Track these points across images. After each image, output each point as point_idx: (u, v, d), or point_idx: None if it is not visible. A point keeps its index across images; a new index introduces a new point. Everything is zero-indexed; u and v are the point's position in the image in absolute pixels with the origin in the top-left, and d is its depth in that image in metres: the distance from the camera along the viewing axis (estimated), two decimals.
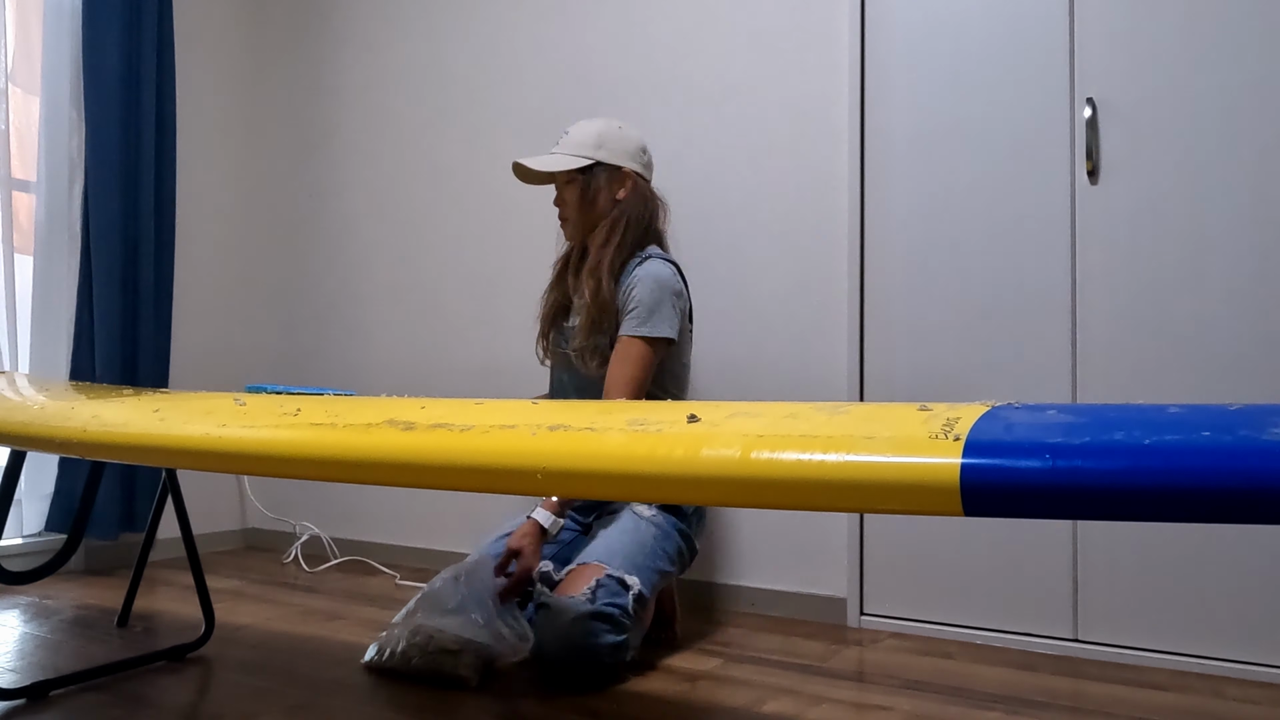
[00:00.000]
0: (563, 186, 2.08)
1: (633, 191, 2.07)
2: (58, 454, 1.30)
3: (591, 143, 2.06)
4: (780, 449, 0.83)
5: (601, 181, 2.05)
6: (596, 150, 2.06)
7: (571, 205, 2.07)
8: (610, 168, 2.06)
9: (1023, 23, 2.12)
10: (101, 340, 2.78)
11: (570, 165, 2.04)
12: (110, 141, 2.81)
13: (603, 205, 2.05)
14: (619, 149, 2.08)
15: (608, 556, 1.85)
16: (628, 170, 2.07)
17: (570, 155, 2.06)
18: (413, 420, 1.05)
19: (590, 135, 2.07)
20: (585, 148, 2.06)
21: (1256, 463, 0.69)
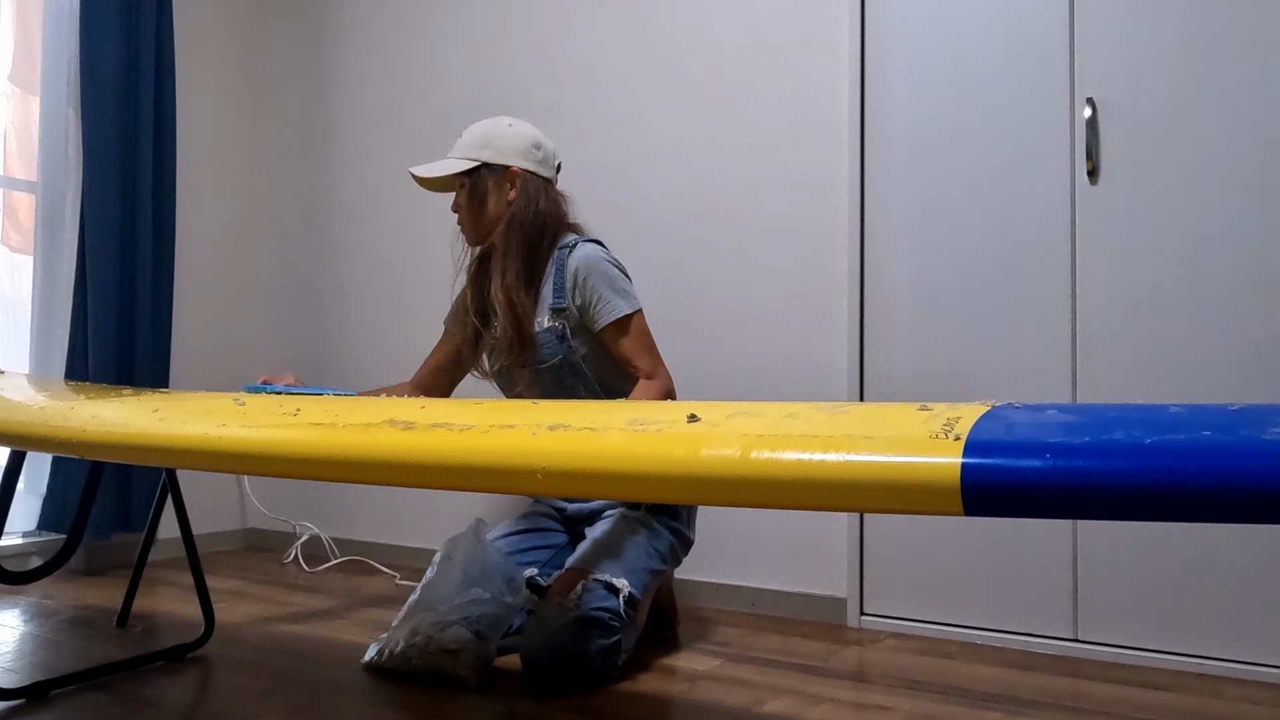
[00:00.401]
0: (457, 191, 2.01)
1: (522, 190, 1.97)
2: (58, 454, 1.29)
3: (478, 143, 1.98)
4: (780, 449, 0.83)
5: (488, 184, 1.97)
6: (482, 151, 1.97)
7: (463, 209, 2.00)
8: (497, 168, 1.97)
9: (1023, 23, 2.12)
10: (96, 340, 2.78)
11: (453, 169, 1.97)
12: (108, 141, 2.81)
13: (494, 207, 1.97)
14: (505, 147, 1.98)
15: (595, 559, 1.84)
16: (515, 169, 1.97)
17: (456, 159, 1.99)
18: (412, 420, 1.05)
19: (477, 136, 2.00)
20: (471, 149, 1.98)
21: (1257, 462, 0.69)
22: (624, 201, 2.66)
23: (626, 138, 2.67)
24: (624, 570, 1.83)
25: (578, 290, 1.94)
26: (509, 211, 1.97)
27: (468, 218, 2.00)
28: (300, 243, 3.34)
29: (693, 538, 2.09)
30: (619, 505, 2.03)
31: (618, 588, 1.79)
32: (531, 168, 2.00)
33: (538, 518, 2.13)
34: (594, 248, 1.98)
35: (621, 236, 2.66)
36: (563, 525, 2.13)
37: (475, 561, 1.86)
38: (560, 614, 1.73)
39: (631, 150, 2.66)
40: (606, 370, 1.99)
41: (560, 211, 2.03)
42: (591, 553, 1.87)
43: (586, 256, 1.95)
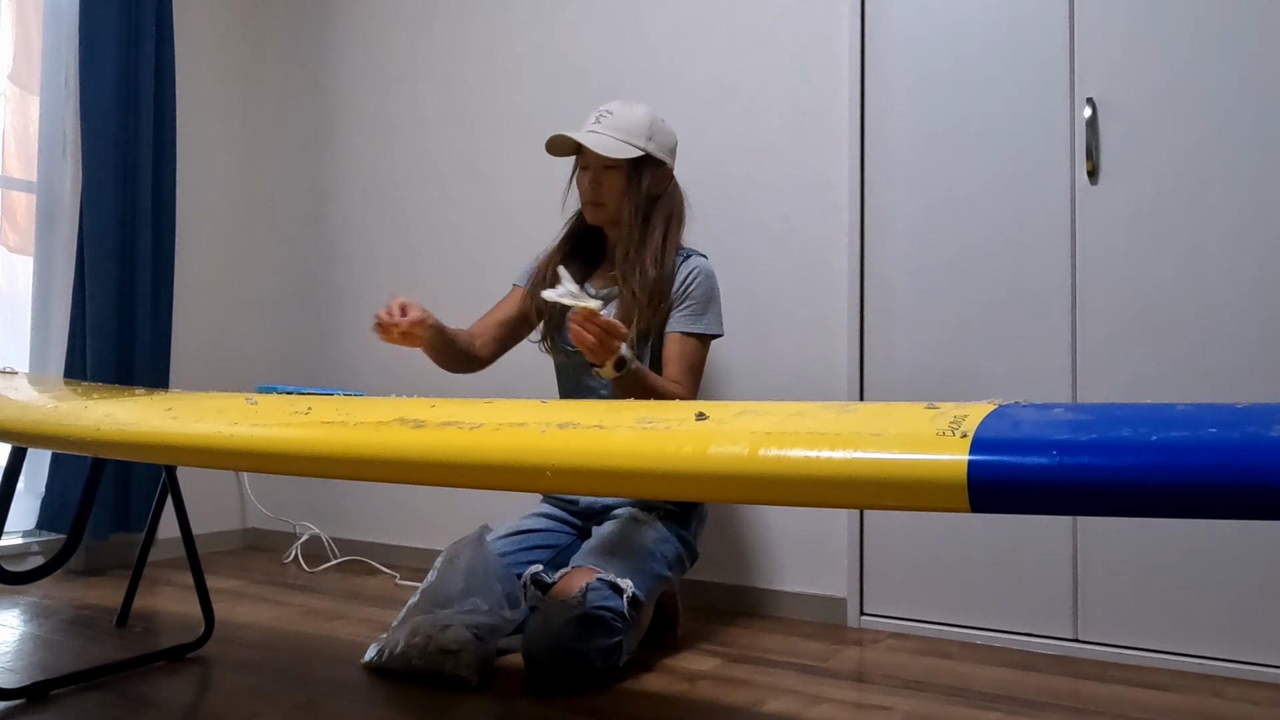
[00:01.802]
0: (604, 170, 2.01)
1: (673, 189, 2.07)
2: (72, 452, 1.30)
3: (643, 132, 2.01)
4: (788, 446, 0.83)
5: (647, 174, 2.01)
6: (647, 141, 2.00)
7: (614, 190, 2.00)
8: (655, 161, 2.02)
9: (1023, 23, 2.13)
10: (94, 340, 2.77)
11: (627, 153, 1.98)
12: (107, 141, 2.81)
13: (644, 197, 2.01)
14: (664, 144, 2.04)
15: (601, 559, 1.84)
16: (669, 167, 2.06)
17: (622, 141, 1.99)
18: (423, 418, 1.05)
19: (640, 123, 2.01)
20: (637, 136, 2.00)
21: (1262, 459, 0.69)
22: None
23: None
24: (630, 571, 1.83)
25: (684, 285, 2.00)
26: (662, 207, 2.03)
27: (615, 199, 2.01)
28: (300, 243, 3.33)
29: (699, 550, 2.10)
30: (632, 504, 2.03)
31: (622, 588, 1.78)
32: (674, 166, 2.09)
33: (544, 518, 2.13)
34: (708, 263, 2.08)
35: None
36: (574, 522, 2.12)
37: (477, 571, 1.86)
38: (563, 611, 1.73)
39: None
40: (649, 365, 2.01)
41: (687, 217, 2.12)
42: (598, 552, 1.87)
43: (706, 268, 2.05)
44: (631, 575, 1.82)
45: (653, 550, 1.92)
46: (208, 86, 3.27)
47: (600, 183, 2.01)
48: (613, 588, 1.78)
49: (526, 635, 1.78)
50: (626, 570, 1.83)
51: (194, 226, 3.19)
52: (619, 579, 1.79)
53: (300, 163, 3.34)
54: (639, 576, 1.84)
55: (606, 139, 1.99)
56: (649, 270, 1.96)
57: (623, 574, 1.81)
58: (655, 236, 2.00)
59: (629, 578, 1.81)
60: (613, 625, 1.75)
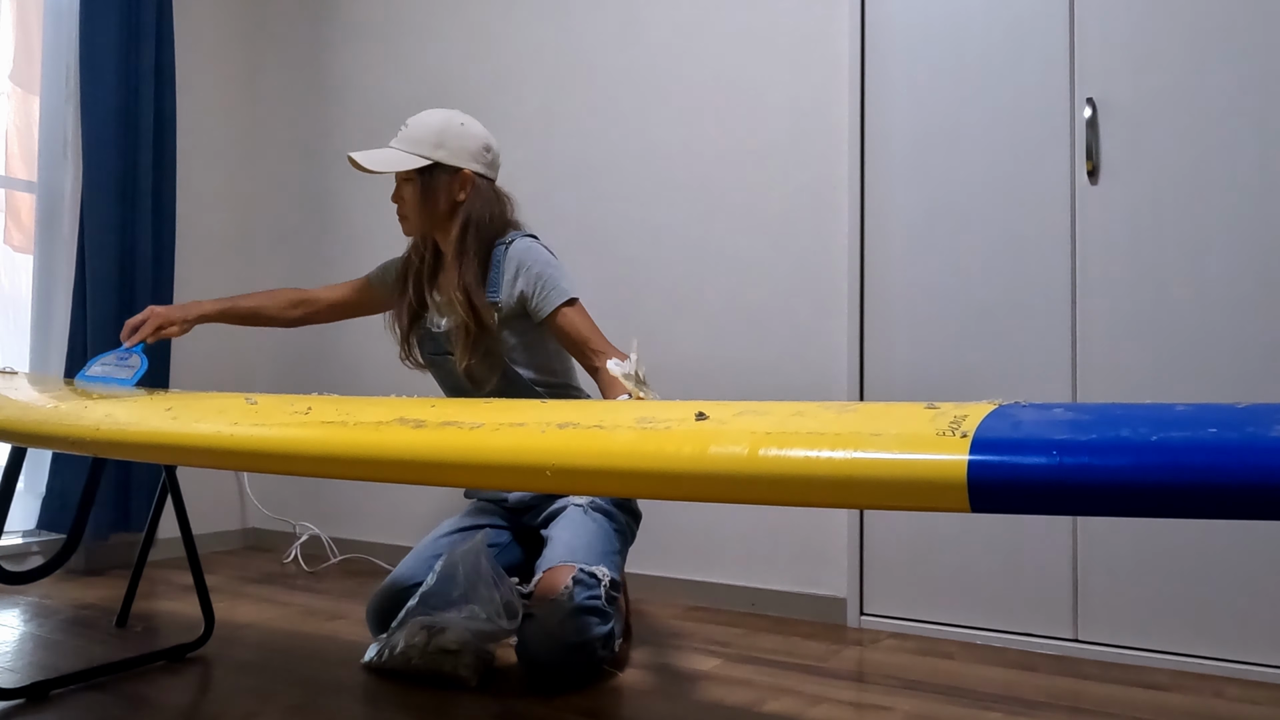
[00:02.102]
0: (401, 183, 2.00)
1: (474, 192, 1.98)
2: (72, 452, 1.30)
3: (431, 141, 1.96)
4: (788, 446, 0.83)
5: (441, 183, 1.96)
6: (436, 150, 1.95)
7: (410, 204, 1.99)
8: (449, 169, 1.96)
9: (1023, 23, 2.13)
10: (95, 340, 2.78)
11: (407, 166, 1.95)
12: (107, 141, 2.81)
13: (442, 205, 1.97)
14: (459, 148, 1.98)
15: (571, 554, 1.86)
16: (467, 172, 1.97)
17: (408, 154, 1.97)
18: (423, 418, 1.06)
19: (430, 132, 1.97)
20: (424, 146, 1.96)
21: (1262, 459, 0.69)
22: (624, 202, 2.67)
23: (626, 138, 2.67)
24: (598, 558, 1.87)
25: (519, 279, 1.95)
26: (463, 215, 1.98)
27: (414, 212, 2.00)
28: (300, 243, 3.33)
29: (639, 509, 2.12)
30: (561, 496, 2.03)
31: (599, 576, 1.83)
32: (482, 170, 2.01)
33: (479, 515, 2.14)
34: (530, 240, 2.02)
35: (621, 236, 2.66)
36: (505, 518, 2.13)
37: (477, 581, 1.87)
38: (557, 610, 1.75)
39: (631, 150, 2.66)
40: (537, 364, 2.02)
41: (508, 214, 2.05)
42: (565, 550, 1.89)
43: (527, 249, 1.98)
44: (602, 561, 1.87)
45: (608, 531, 1.97)
46: (207, 86, 3.27)
47: (401, 197, 2.01)
48: (592, 576, 1.82)
49: (526, 641, 1.79)
50: (596, 557, 1.87)
51: (194, 226, 3.19)
52: (595, 568, 1.83)
53: (300, 163, 3.34)
54: (608, 559, 1.89)
55: (390, 153, 1.98)
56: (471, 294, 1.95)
57: (594, 562, 1.85)
58: (467, 243, 1.98)
59: (600, 564, 1.85)
60: (604, 612, 1.80)
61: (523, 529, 2.12)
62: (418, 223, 2.01)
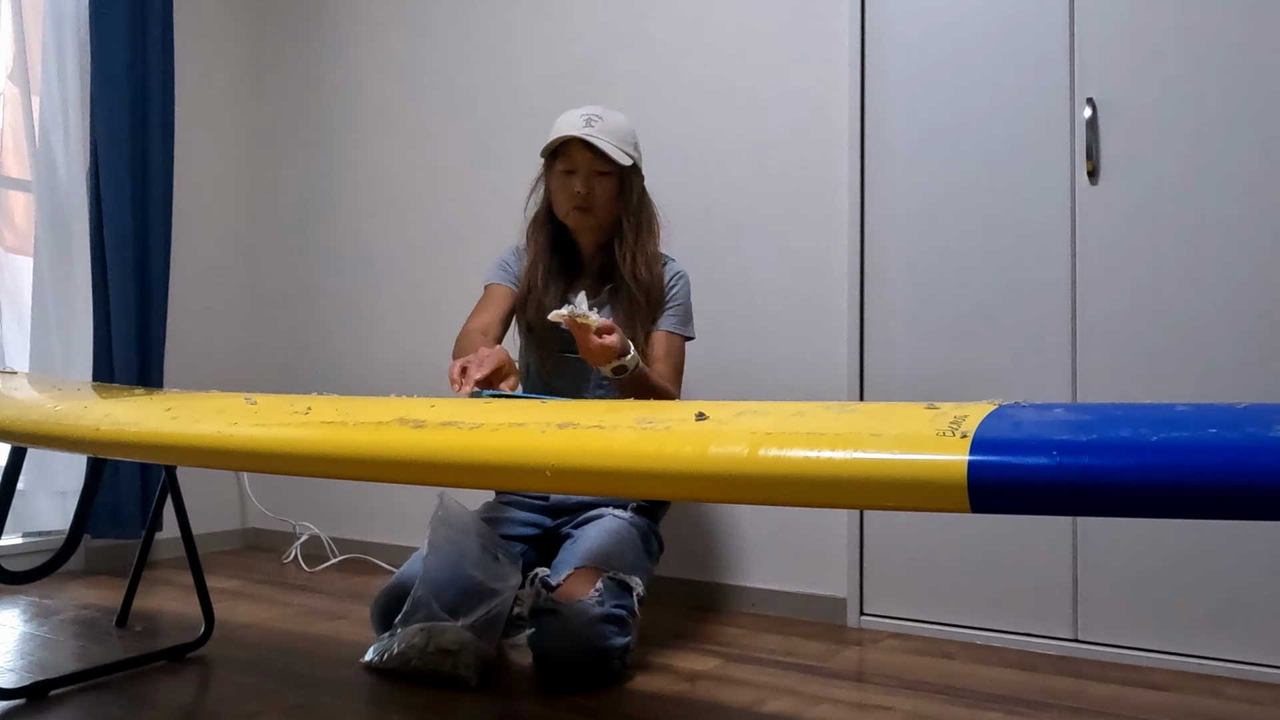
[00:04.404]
0: (597, 175, 2.02)
1: (649, 196, 2.12)
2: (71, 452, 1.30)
3: (632, 140, 2.06)
4: (788, 446, 0.83)
5: (634, 181, 2.07)
6: (635, 150, 2.07)
7: (605, 196, 2.03)
8: (638, 169, 2.09)
9: (1023, 23, 2.13)
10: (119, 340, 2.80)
11: (627, 161, 2.03)
12: (120, 142, 2.82)
13: (631, 203, 2.06)
14: (640, 154, 2.11)
15: (604, 559, 1.85)
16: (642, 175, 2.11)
17: (618, 147, 2.02)
18: (423, 418, 1.05)
19: (629, 131, 2.06)
20: (628, 144, 2.05)
21: (1262, 459, 0.69)
22: None
23: None
24: (632, 569, 1.86)
25: (670, 288, 2.08)
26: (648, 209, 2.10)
27: (607, 205, 2.05)
28: (299, 242, 3.33)
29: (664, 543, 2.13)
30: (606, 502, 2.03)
31: (631, 586, 1.81)
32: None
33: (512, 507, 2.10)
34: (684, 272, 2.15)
35: None
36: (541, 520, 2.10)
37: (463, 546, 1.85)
38: (584, 612, 1.73)
39: None
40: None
41: None
42: (598, 552, 1.87)
43: (687, 274, 2.14)
44: (634, 572, 1.85)
45: (641, 548, 1.96)
46: (208, 87, 3.27)
47: (592, 188, 2.02)
48: (623, 586, 1.80)
49: (544, 638, 1.76)
50: (628, 567, 1.85)
51: (193, 227, 3.19)
52: (627, 577, 1.82)
53: (300, 162, 3.34)
54: (639, 573, 1.87)
55: (611, 145, 2.01)
56: (645, 276, 2.03)
57: (626, 571, 1.83)
58: (648, 242, 2.07)
59: (634, 575, 1.84)
60: (627, 623, 1.79)
61: (549, 534, 2.08)
62: (604, 216, 2.06)
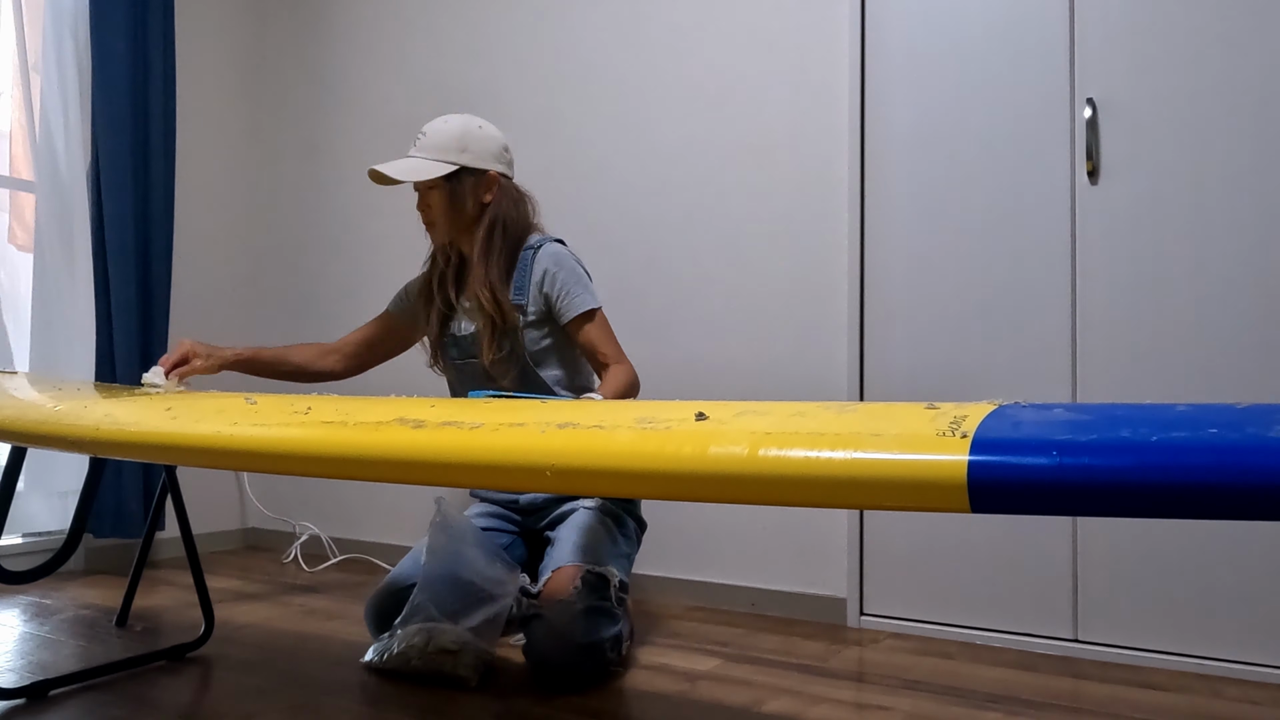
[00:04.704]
0: (426, 191, 2.01)
1: (499, 193, 2.00)
2: (71, 452, 1.29)
3: (454, 146, 1.97)
4: (788, 446, 0.83)
5: (467, 186, 1.98)
6: (460, 154, 1.97)
7: (438, 210, 2.00)
8: (475, 172, 1.98)
9: (1023, 23, 2.13)
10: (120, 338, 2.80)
11: (434, 173, 1.96)
12: (121, 142, 2.83)
13: (470, 210, 1.98)
14: (482, 150, 1.99)
15: (579, 555, 1.86)
16: (492, 173, 2.00)
17: (432, 160, 1.98)
18: (422, 418, 1.05)
19: (452, 138, 1.98)
20: (448, 152, 1.97)
21: (1263, 460, 0.69)
22: (624, 201, 2.66)
23: (626, 138, 2.67)
24: (608, 559, 1.88)
25: (545, 283, 1.99)
26: (489, 215, 1.99)
27: (442, 218, 2.00)
28: (300, 242, 3.33)
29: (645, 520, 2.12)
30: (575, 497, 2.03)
31: (608, 577, 1.83)
32: (504, 170, 2.04)
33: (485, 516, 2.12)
34: (560, 246, 2.05)
35: (622, 236, 2.66)
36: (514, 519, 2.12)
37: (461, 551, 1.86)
38: (566, 610, 1.75)
39: (631, 150, 2.66)
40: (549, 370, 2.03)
41: (530, 214, 2.08)
42: (574, 550, 1.89)
43: (556, 254, 2.01)
44: (611, 562, 1.87)
45: (617, 535, 1.97)
46: (208, 87, 3.27)
47: (427, 205, 2.01)
48: (601, 579, 1.82)
49: (535, 642, 1.78)
50: (605, 558, 1.87)
51: (194, 226, 3.19)
52: (604, 569, 1.83)
53: (300, 162, 3.34)
54: (617, 561, 1.89)
55: (415, 162, 1.99)
56: (488, 300, 1.97)
57: (605, 564, 1.85)
58: (495, 243, 1.99)
59: (611, 565, 1.85)
60: (613, 614, 1.81)
61: (529, 532, 2.11)
62: (446, 229, 2.02)
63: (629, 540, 2.02)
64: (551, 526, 2.04)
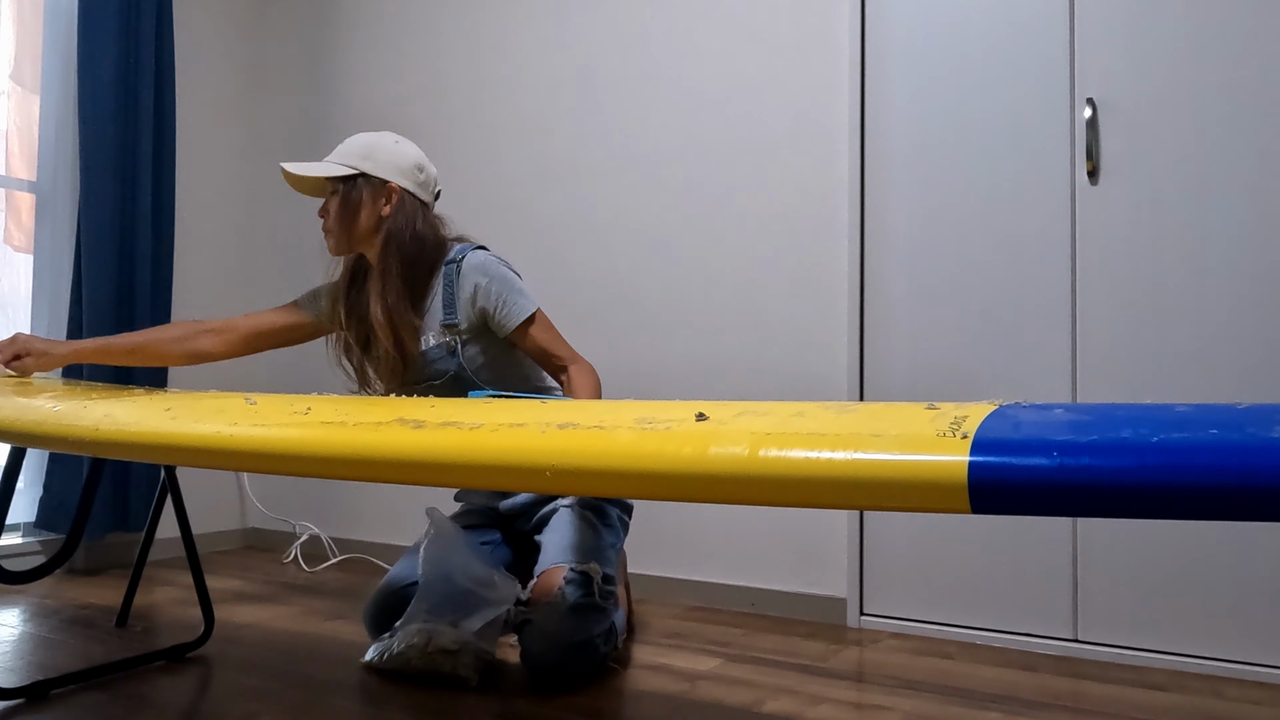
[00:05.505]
0: (328, 197, 1.95)
1: (398, 207, 1.92)
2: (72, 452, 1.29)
3: (359, 153, 1.93)
4: (788, 447, 0.83)
5: (364, 194, 1.91)
6: (362, 161, 1.92)
7: (332, 216, 1.93)
8: (375, 180, 1.92)
9: (1023, 23, 2.13)
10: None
11: (330, 173, 1.91)
12: (106, 142, 2.81)
13: (365, 220, 1.91)
14: (386, 161, 1.93)
15: (563, 555, 1.87)
16: (393, 185, 1.92)
17: (334, 163, 1.93)
18: (422, 418, 1.05)
19: (359, 145, 1.94)
20: (352, 157, 1.93)
21: (1263, 460, 0.69)
22: (624, 201, 2.66)
23: (626, 138, 2.67)
24: (588, 554, 1.87)
25: (479, 297, 1.91)
26: (384, 228, 1.92)
27: (336, 225, 1.94)
28: (299, 243, 3.33)
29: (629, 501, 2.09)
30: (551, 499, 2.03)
31: (590, 573, 1.83)
32: (410, 188, 1.95)
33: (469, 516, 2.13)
34: (484, 254, 1.96)
35: (621, 236, 2.66)
36: (497, 523, 2.12)
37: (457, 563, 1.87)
38: (554, 611, 1.76)
39: (631, 150, 2.66)
40: (504, 375, 1.98)
41: (438, 234, 1.98)
42: (558, 551, 1.90)
43: (482, 264, 1.93)
44: (594, 556, 1.87)
45: (599, 528, 1.97)
46: (208, 86, 3.27)
47: (327, 210, 1.96)
48: (583, 575, 1.82)
49: (528, 645, 1.79)
50: (587, 554, 1.87)
51: (194, 226, 3.19)
52: (584, 566, 1.83)
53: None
54: (599, 555, 1.89)
55: (318, 164, 1.95)
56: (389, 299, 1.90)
57: (586, 560, 1.85)
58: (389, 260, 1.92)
59: (592, 560, 1.85)
60: (601, 608, 1.81)
61: (515, 534, 2.12)
62: (338, 236, 1.94)
63: (612, 530, 1.99)
64: (538, 529, 2.04)
